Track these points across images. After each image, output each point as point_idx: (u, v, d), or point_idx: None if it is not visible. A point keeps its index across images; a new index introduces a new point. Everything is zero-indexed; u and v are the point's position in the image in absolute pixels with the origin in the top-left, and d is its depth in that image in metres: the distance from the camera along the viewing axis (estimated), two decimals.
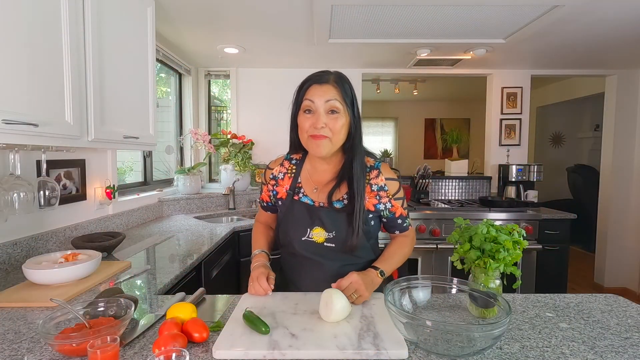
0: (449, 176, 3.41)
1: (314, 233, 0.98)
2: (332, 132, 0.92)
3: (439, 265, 2.65)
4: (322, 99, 0.91)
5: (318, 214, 0.97)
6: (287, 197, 1.03)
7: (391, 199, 1.00)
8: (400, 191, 1.02)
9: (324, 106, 0.91)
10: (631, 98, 3.38)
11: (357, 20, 2.14)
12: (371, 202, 0.99)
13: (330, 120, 0.91)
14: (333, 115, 0.92)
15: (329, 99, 0.91)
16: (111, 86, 1.40)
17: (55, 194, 1.34)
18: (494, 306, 0.81)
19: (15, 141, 0.98)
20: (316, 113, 0.92)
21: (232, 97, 3.25)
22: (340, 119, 0.92)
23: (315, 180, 1.02)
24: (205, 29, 2.28)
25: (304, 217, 0.99)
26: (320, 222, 0.97)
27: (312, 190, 1.01)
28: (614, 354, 0.73)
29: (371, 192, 0.98)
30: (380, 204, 0.99)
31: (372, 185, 0.99)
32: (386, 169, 1.01)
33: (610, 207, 3.45)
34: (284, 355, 0.70)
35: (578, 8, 1.93)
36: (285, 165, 1.07)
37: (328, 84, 0.93)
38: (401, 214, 1.03)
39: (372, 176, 0.99)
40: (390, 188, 1.00)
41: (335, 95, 0.92)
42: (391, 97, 5.56)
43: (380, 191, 0.99)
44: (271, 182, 1.08)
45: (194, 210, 2.78)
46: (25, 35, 0.99)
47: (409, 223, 1.06)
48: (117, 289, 1.00)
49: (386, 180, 0.99)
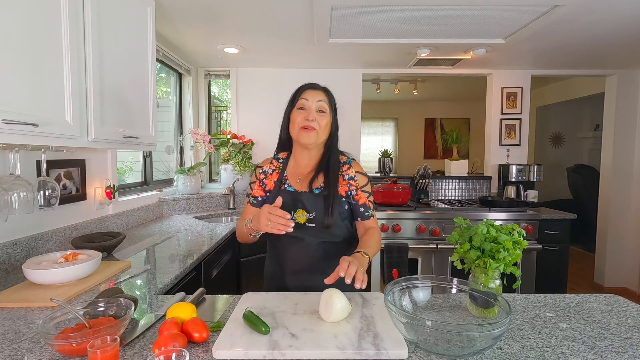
0: (449, 176, 3.41)
1: (297, 215, 1.14)
2: (320, 126, 1.13)
3: (439, 265, 2.65)
4: (314, 99, 1.14)
5: (300, 198, 1.15)
6: (275, 188, 1.20)
7: (358, 189, 1.19)
8: (367, 186, 1.22)
9: (315, 105, 1.14)
10: (631, 98, 3.38)
11: (357, 20, 2.14)
12: (343, 189, 1.19)
13: (318, 117, 1.14)
14: (321, 113, 1.15)
15: (320, 100, 1.15)
16: (111, 86, 1.40)
17: (55, 194, 1.34)
18: (494, 306, 0.81)
19: (15, 141, 0.98)
20: (308, 109, 1.14)
21: (232, 97, 3.25)
22: (326, 117, 1.15)
23: (298, 172, 1.22)
24: (205, 29, 2.28)
25: (288, 202, 1.14)
26: (302, 205, 1.14)
27: (295, 181, 1.20)
28: (614, 354, 0.73)
29: (343, 180, 1.19)
30: (349, 190, 1.19)
31: (344, 176, 1.19)
32: (356, 164, 1.23)
33: (610, 207, 3.45)
34: (284, 355, 0.70)
35: (578, 8, 1.93)
36: (274, 163, 1.25)
37: (320, 90, 1.17)
38: (364, 203, 1.20)
39: (344, 169, 1.21)
40: (359, 180, 1.20)
41: (325, 99, 1.16)
42: (391, 97, 5.56)
43: (351, 180, 1.19)
44: (261, 175, 1.24)
45: (194, 210, 2.78)
46: (26, 35, 0.99)
47: (371, 214, 1.21)
48: (117, 289, 1.00)
49: (355, 172, 1.21)
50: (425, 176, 3.13)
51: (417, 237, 2.65)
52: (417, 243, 2.61)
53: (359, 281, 0.86)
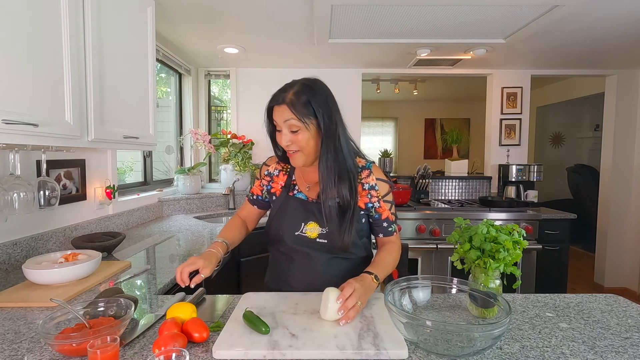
0: (449, 176, 3.41)
1: (308, 228, 1.00)
2: (299, 147, 0.95)
3: (439, 265, 2.65)
4: (281, 119, 0.95)
5: (312, 208, 1.01)
6: (282, 193, 1.07)
7: (380, 200, 1.02)
8: (390, 195, 1.05)
9: (285, 125, 0.95)
10: (631, 98, 3.38)
11: (357, 20, 2.14)
12: (363, 201, 1.01)
13: (293, 137, 0.95)
14: (294, 133, 0.95)
15: (286, 119, 0.94)
16: (111, 86, 1.40)
17: (55, 194, 1.34)
18: (494, 306, 0.81)
19: (15, 141, 0.98)
20: (282, 131, 0.96)
21: (232, 97, 3.25)
22: (301, 134, 0.94)
23: (307, 179, 1.07)
24: (205, 29, 2.28)
25: (299, 211, 1.02)
26: (314, 217, 1.00)
27: (305, 188, 1.06)
28: (614, 354, 0.73)
29: (363, 190, 1.01)
30: (370, 202, 1.02)
31: (364, 185, 1.02)
32: (377, 169, 1.05)
33: (610, 207, 3.45)
34: (284, 355, 0.70)
35: (578, 8, 1.93)
36: (282, 163, 1.11)
37: (284, 104, 0.94)
38: (387, 217, 1.03)
39: (363, 176, 1.02)
40: (381, 188, 1.03)
41: (291, 115, 0.93)
42: (391, 97, 5.56)
43: (371, 190, 1.01)
44: (266, 178, 1.12)
45: (194, 210, 2.78)
46: (26, 35, 0.99)
47: (394, 229, 1.05)
48: (117, 289, 1.00)
49: (377, 180, 1.02)
50: (425, 176, 3.13)
51: (417, 237, 2.65)
52: (417, 243, 2.61)
53: (344, 319, 0.79)
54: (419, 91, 4.88)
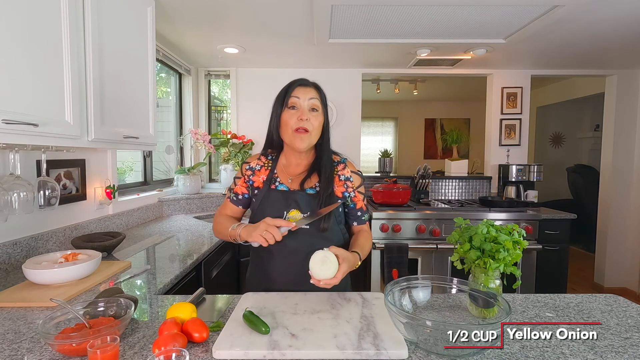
0: (449, 176, 3.41)
1: (290, 216, 1.06)
2: (313, 127, 1.06)
3: (439, 265, 2.65)
4: (306, 97, 1.06)
5: (294, 197, 1.08)
6: (264, 186, 1.13)
7: (355, 190, 1.14)
8: (362, 187, 1.18)
9: (307, 103, 1.06)
10: (631, 98, 3.38)
11: (357, 20, 2.14)
12: (340, 190, 1.13)
13: (311, 117, 1.06)
14: (314, 112, 1.07)
15: (312, 97, 1.07)
16: (111, 86, 1.40)
17: (55, 194, 1.34)
18: (494, 306, 0.81)
19: (15, 141, 0.98)
20: (301, 108, 1.06)
21: (232, 97, 3.25)
22: (319, 117, 1.08)
23: (289, 172, 1.15)
24: (205, 29, 2.28)
25: (280, 201, 1.08)
26: (296, 204, 1.07)
27: (287, 180, 1.13)
28: (614, 354, 0.73)
29: (339, 181, 1.13)
30: (346, 192, 1.14)
31: (340, 176, 1.14)
32: (351, 164, 1.18)
33: (610, 207, 3.45)
34: (284, 355, 0.70)
35: (578, 8, 1.93)
36: (262, 159, 1.18)
37: (310, 86, 1.10)
38: (361, 207, 1.16)
39: (339, 169, 1.15)
40: (355, 180, 1.15)
41: (317, 96, 1.08)
42: (391, 97, 5.56)
43: (347, 181, 1.14)
44: (247, 172, 1.16)
45: (194, 210, 2.78)
46: (26, 35, 0.99)
47: (367, 218, 1.18)
48: (117, 289, 1.00)
49: (351, 172, 1.15)
50: (425, 176, 3.13)
51: (417, 237, 2.65)
52: (417, 243, 2.61)
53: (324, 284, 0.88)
54: (419, 91, 4.88)
